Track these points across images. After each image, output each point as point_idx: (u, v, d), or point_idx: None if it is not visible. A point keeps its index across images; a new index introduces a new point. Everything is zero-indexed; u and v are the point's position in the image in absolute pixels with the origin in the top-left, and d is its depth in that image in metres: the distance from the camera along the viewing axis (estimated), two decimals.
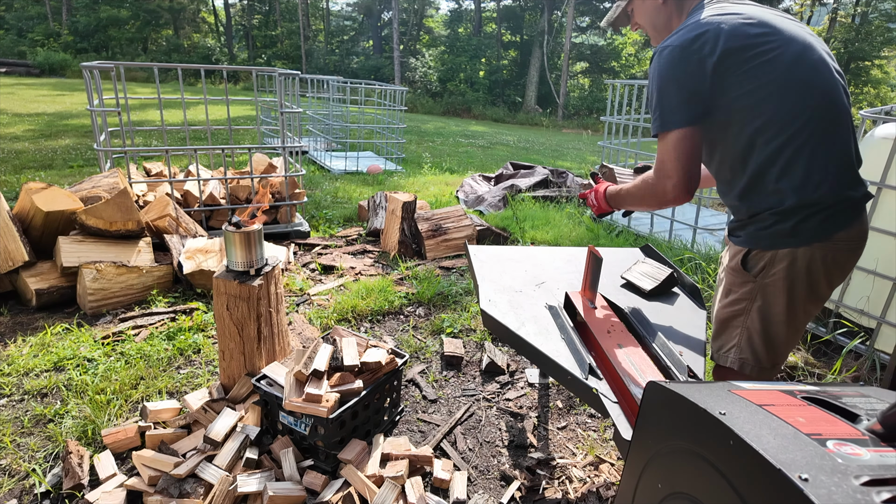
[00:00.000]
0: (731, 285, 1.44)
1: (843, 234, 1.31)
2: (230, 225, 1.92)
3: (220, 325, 2.01)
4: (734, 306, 1.44)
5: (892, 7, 21.26)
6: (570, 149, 13.17)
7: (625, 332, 1.59)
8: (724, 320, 1.47)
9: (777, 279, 1.34)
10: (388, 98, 8.74)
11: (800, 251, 1.31)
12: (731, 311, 1.45)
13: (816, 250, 1.31)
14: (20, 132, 8.31)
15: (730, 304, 1.45)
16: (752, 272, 1.38)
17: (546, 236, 4.50)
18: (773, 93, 1.27)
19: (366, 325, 2.98)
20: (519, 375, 2.57)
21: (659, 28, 1.52)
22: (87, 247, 2.97)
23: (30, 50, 22.79)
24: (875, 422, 0.78)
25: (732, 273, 1.44)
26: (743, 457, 0.72)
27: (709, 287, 3.41)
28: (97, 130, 3.96)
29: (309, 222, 4.63)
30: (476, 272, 1.91)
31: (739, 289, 1.42)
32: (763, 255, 1.36)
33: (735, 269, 1.42)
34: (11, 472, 1.79)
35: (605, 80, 17.93)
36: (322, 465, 1.81)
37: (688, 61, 1.29)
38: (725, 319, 1.47)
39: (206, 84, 4.31)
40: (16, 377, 2.29)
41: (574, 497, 1.83)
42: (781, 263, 1.33)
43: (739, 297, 1.42)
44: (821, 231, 1.30)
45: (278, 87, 4.30)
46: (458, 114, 22.70)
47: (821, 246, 1.31)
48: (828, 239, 1.30)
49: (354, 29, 31.88)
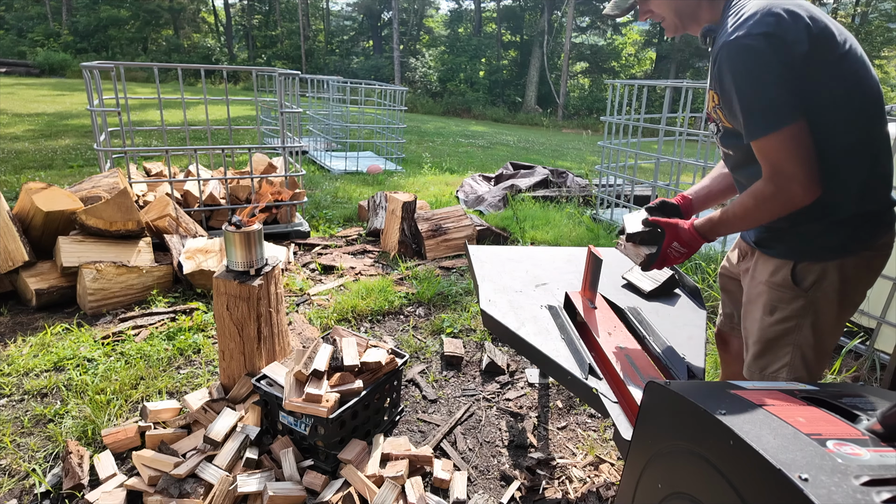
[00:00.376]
0: (778, 302, 1.34)
1: (885, 239, 1.27)
2: (230, 225, 1.92)
3: (220, 326, 2.01)
4: (783, 324, 1.33)
5: (892, 7, 21.27)
6: (570, 149, 13.17)
7: (625, 332, 1.59)
8: (772, 340, 1.36)
9: (829, 291, 1.28)
10: (388, 98, 8.74)
11: (849, 261, 1.26)
12: (779, 329, 1.34)
13: (863, 259, 1.26)
14: (20, 132, 8.31)
15: (778, 323, 1.34)
16: (803, 286, 1.29)
17: (546, 236, 4.50)
18: (848, 90, 1.18)
19: (366, 325, 2.98)
20: (519, 375, 2.57)
21: (683, 17, 1.37)
22: (87, 247, 2.97)
23: (30, 50, 22.79)
24: (875, 422, 0.78)
25: (778, 289, 1.33)
26: (743, 457, 0.72)
27: (709, 287, 3.41)
28: (97, 130, 3.96)
29: (309, 222, 4.63)
30: (476, 272, 1.91)
31: (788, 305, 1.32)
32: (812, 268, 1.28)
33: (782, 285, 1.32)
34: (11, 472, 1.79)
35: (605, 80, 17.94)
36: (322, 465, 1.81)
37: (777, 50, 1.13)
38: (773, 339, 1.36)
39: (206, 84, 4.31)
40: (16, 377, 2.29)
41: (574, 497, 1.83)
42: (833, 275, 1.26)
43: (789, 314, 1.32)
44: (871, 239, 1.25)
45: (278, 87, 4.30)
46: (458, 114, 22.70)
47: (867, 254, 1.26)
48: (874, 246, 1.26)
49: (354, 29, 31.88)
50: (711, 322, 2.82)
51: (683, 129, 4.51)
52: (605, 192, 5.48)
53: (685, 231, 1.43)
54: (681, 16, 1.38)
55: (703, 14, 1.35)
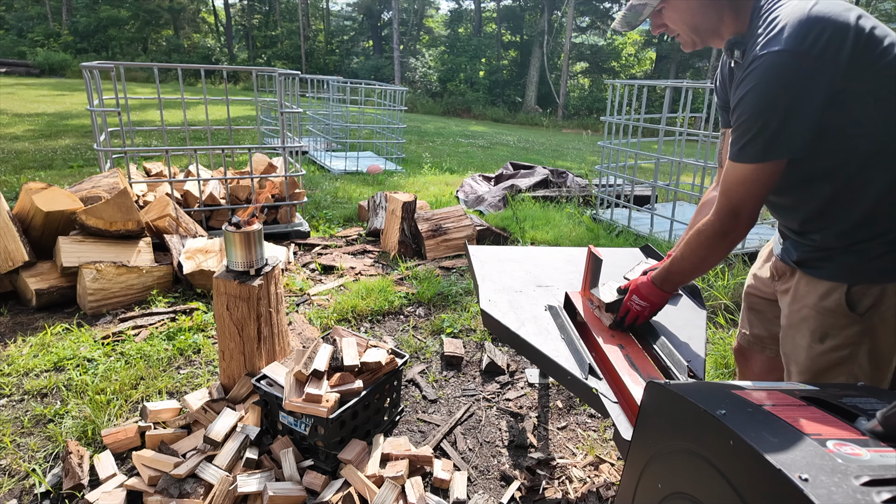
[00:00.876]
0: (829, 328, 1.23)
1: None
2: (230, 225, 1.92)
3: (220, 326, 2.01)
4: (836, 353, 1.23)
5: (892, 7, 21.26)
6: (570, 149, 13.17)
7: (625, 332, 1.59)
8: (823, 369, 1.26)
9: (889, 316, 1.17)
10: (388, 98, 8.74)
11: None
12: (832, 358, 1.24)
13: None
14: (20, 132, 8.31)
15: (830, 351, 1.23)
16: (859, 310, 1.18)
17: (546, 236, 4.50)
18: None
19: (366, 325, 2.98)
20: (519, 375, 2.57)
21: (701, 31, 1.28)
22: (87, 247, 2.97)
23: (30, 50, 22.79)
24: (875, 422, 0.78)
25: (830, 314, 1.22)
26: (743, 457, 0.72)
27: (709, 286, 3.41)
28: (97, 130, 3.96)
29: (309, 222, 4.63)
30: (476, 272, 1.91)
31: (841, 331, 1.21)
32: (870, 290, 1.17)
33: (835, 310, 1.21)
34: (11, 472, 1.79)
35: (604, 80, 17.94)
36: (322, 465, 1.81)
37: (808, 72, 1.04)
38: (825, 368, 1.26)
39: (206, 84, 4.31)
40: (16, 377, 2.29)
41: (574, 497, 1.83)
42: (893, 297, 1.16)
43: (843, 341, 1.21)
44: None
45: (278, 87, 4.30)
46: (458, 114, 22.71)
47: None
48: None
49: (354, 29, 31.89)
50: (711, 322, 2.82)
51: (683, 129, 4.51)
52: (605, 192, 5.48)
53: (644, 285, 1.44)
54: (698, 32, 1.28)
55: (724, 28, 1.26)
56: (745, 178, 1.15)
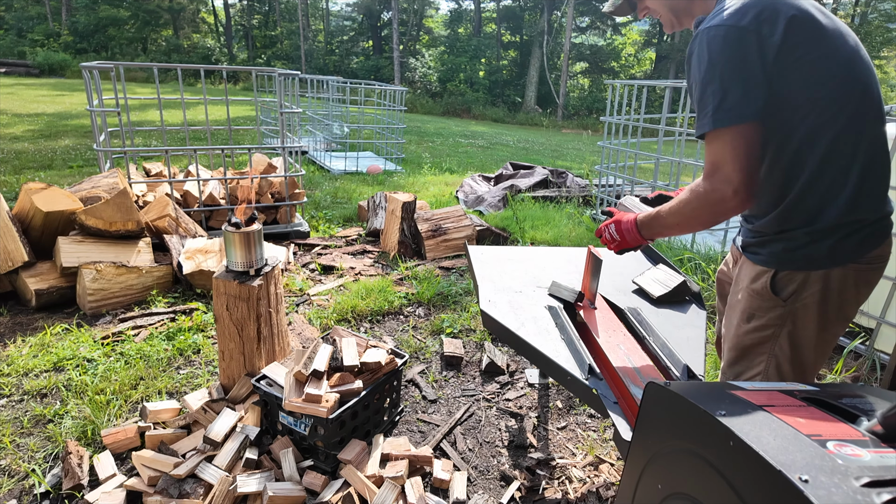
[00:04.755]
0: (755, 310, 1.30)
1: (876, 252, 1.21)
2: (230, 225, 1.92)
3: (220, 326, 2.01)
4: (759, 332, 1.29)
5: (891, 7, 21.28)
6: (570, 149, 13.17)
7: (625, 332, 1.59)
8: (747, 347, 1.33)
9: (810, 302, 1.22)
10: (388, 98, 8.74)
11: (834, 272, 1.20)
12: (755, 337, 1.31)
13: (850, 271, 1.20)
14: (20, 132, 8.31)
15: (754, 331, 1.30)
16: (782, 295, 1.24)
17: (546, 236, 4.50)
18: (833, 90, 1.13)
19: (365, 326, 2.97)
20: (519, 375, 2.57)
21: (678, 13, 1.36)
22: (87, 247, 2.97)
23: (30, 50, 22.79)
24: (875, 423, 0.78)
25: (757, 296, 1.29)
26: (743, 457, 0.72)
27: (710, 286, 3.41)
28: (97, 131, 3.95)
29: (309, 222, 4.63)
30: (476, 272, 1.91)
31: (766, 313, 1.28)
32: (794, 277, 1.22)
33: (760, 293, 1.28)
34: (11, 472, 1.79)
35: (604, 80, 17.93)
36: (322, 466, 1.81)
37: (746, 43, 1.10)
38: (748, 346, 1.33)
39: (205, 84, 4.31)
40: (15, 377, 2.29)
41: (574, 497, 1.83)
42: (815, 286, 1.21)
43: (766, 322, 1.28)
44: (858, 251, 1.19)
45: (278, 87, 4.30)
46: (458, 114, 22.70)
47: (854, 267, 1.20)
48: (862, 258, 1.20)
49: (354, 29, 31.88)
50: (711, 323, 2.82)
51: (683, 129, 4.51)
52: (604, 192, 5.48)
53: (626, 221, 1.43)
54: (675, 12, 1.37)
55: (696, 8, 1.33)
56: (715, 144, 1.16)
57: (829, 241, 1.18)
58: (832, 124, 1.14)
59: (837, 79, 1.13)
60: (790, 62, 1.11)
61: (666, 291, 1.85)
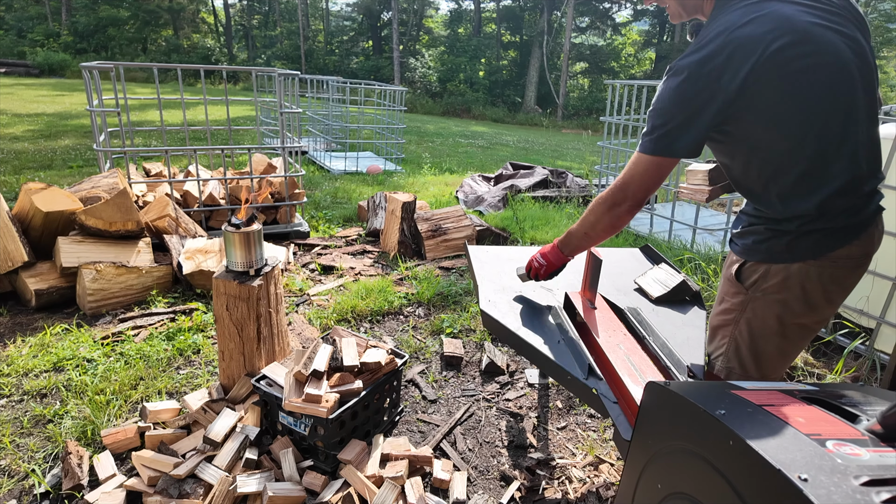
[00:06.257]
0: (725, 294, 1.43)
1: (842, 251, 1.24)
2: (230, 225, 1.92)
3: (220, 326, 2.01)
4: (725, 315, 1.42)
5: (891, 7, 21.29)
6: (570, 149, 13.17)
7: (624, 332, 1.59)
8: (715, 327, 1.46)
9: (769, 294, 1.30)
10: (388, 98, 8.74)
11: (794, 267, 1.26)
12: (721, 319, 1.43)
13: (812, 267, 1.24)
14: (20, 132, 8.31)
15: (721, 313, 1.43)
16: (745, 284, 1.35)
17: (546, 236, 4.50)
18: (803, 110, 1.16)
19: (365, 326, 2.97)
20: (519, 375, 2.57)
21: (688, 9, 1.37)
22: (87, 247, 2.97)
23: (29, 50, 22.78)
24: (875, 422, 0.78)
25: (727, 282, 1.41)
26: (743, 457, 0.72)
27: (710, 287, 3.42)
28: (97, 131, 3.96)
29: (308, 222, 4.63)
30: (476, 272, 1.91)
31: (731, 298, 1.39)
32: (757, 268, 1.31)
33: (729, 279, 1.40)
34: (11, 472, 1.79)
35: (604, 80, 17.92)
36: (322, 466, 1.81)
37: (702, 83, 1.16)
38: (716, 327, 1.46)
39: (205, 84, 4.31)
40: (15, 377, 2.29)
41: (574, 497, 1.83)
42: (775, 279, 1.28)
43: (730, 306, 1.40)
44: (816, 250, 1.24)
45: (278, 87, 4.30)
46: (458, 114, 22.70)
47: (816, 263, 1.24)
48: (824, 257, 1.24)
49: (354, 29, 31.89)
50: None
51: None
52: None
53: (548, 246, 1.60)
54: (685, 6, 1.38)
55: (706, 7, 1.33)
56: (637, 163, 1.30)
57: (786, 237, 1.26)
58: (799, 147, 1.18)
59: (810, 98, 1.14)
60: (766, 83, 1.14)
61: (665, 291, 1.85)
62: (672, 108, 1.21)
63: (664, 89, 1.23)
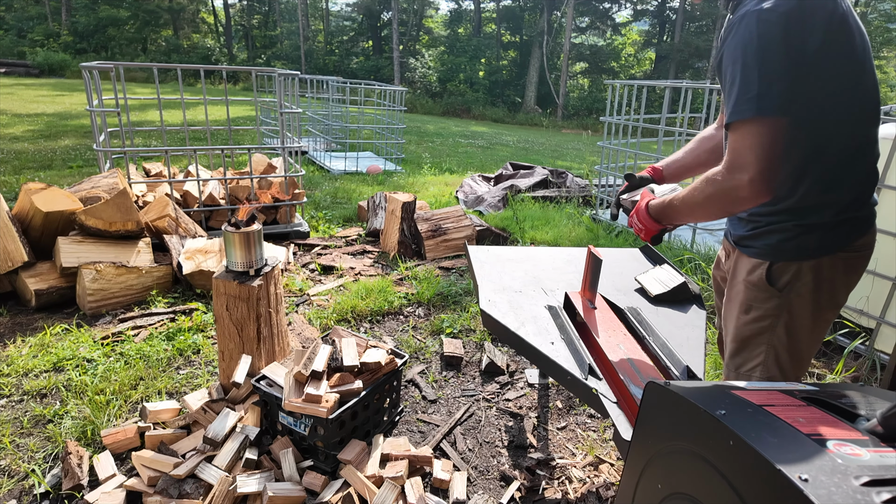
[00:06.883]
0: (753, 301, 1.33)
1: (862, 240, 1.24)
2: (230, 225, 1.92)
3: (220, 326, 2.01)
4: (758, 323, 1.33)
5: (891, 7, 21.29)
6: (570, 149, 13.17)
7: (624, 332, 1.59)
8: (747, 338, 1.36)
9: (804, 292, 1.26)
10: (388, 98, 8.74)
11: (825, 261, 1.23)
12: (754, 328, 1.34)
13: (839, 259, 1.24)
14: (20, 132, 8.31)
15: (753, 322, 1.34)
16: (777, 286, 1.28)
17: (546, 236, 4.50)
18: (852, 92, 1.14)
19: (365, 326, 2.97)
20: (519, 375, 2.57)
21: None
22: (87, 247, 2.97)
23: (29, 50, 22.78)
24: (875, 422, 0.78)
25: (754, 288, 1.32)
26: (743, 457, 0.72)
27: (709, 287, 3.41)
28: (97, 131, 3.95)
29: (308, 223, 4.63)
30: (476, 272, 1.91)
31: (763, 304, 1.31)
32: (788, 268, 1.26)
33: (757, 285, 1.31)
34: (11, 472, 1.79)
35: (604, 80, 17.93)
36: (322, 466, 1.81)
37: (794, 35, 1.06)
38: (748, 338, 1.36)
39: (205, 84, 4.31)
40: (15, 378, 2.29)
41: (574, 497, 1.83)
42: (808, 275, 1.24)
43: (764, 313, 1.31)
44: (845, 240, 1.23)
45: (278, 87, 4.30)
46: (458, 114, 22.70)
47: (843, 255, 1.24)
48: (850, 247, 1.24)
49: (354, 29, 31.89)
50: (711, 322, 2.82)
51: (683, 129, 4.51)
52: (604, 193, 5.48)
53: (639, 210, 1.44)
54: None
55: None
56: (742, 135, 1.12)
57: (818, 232, 1.22)
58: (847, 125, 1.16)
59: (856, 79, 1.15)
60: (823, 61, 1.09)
61: (665, 290, 1.85)
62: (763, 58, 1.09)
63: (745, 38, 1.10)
